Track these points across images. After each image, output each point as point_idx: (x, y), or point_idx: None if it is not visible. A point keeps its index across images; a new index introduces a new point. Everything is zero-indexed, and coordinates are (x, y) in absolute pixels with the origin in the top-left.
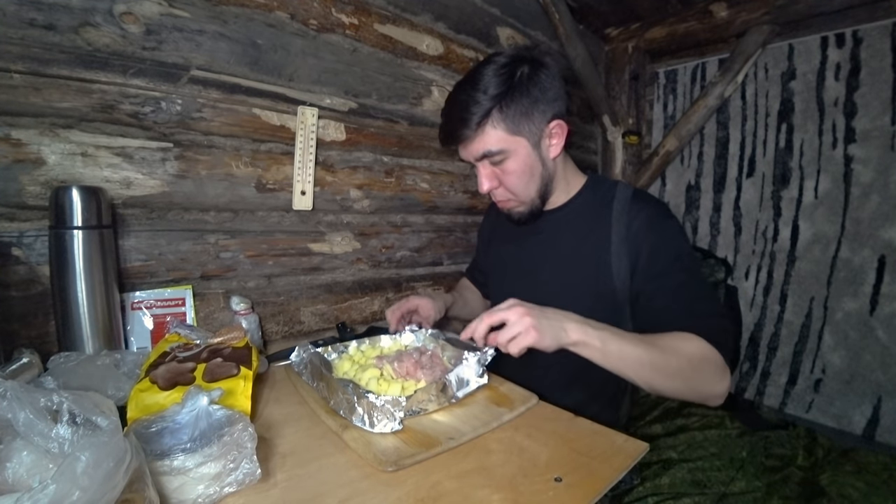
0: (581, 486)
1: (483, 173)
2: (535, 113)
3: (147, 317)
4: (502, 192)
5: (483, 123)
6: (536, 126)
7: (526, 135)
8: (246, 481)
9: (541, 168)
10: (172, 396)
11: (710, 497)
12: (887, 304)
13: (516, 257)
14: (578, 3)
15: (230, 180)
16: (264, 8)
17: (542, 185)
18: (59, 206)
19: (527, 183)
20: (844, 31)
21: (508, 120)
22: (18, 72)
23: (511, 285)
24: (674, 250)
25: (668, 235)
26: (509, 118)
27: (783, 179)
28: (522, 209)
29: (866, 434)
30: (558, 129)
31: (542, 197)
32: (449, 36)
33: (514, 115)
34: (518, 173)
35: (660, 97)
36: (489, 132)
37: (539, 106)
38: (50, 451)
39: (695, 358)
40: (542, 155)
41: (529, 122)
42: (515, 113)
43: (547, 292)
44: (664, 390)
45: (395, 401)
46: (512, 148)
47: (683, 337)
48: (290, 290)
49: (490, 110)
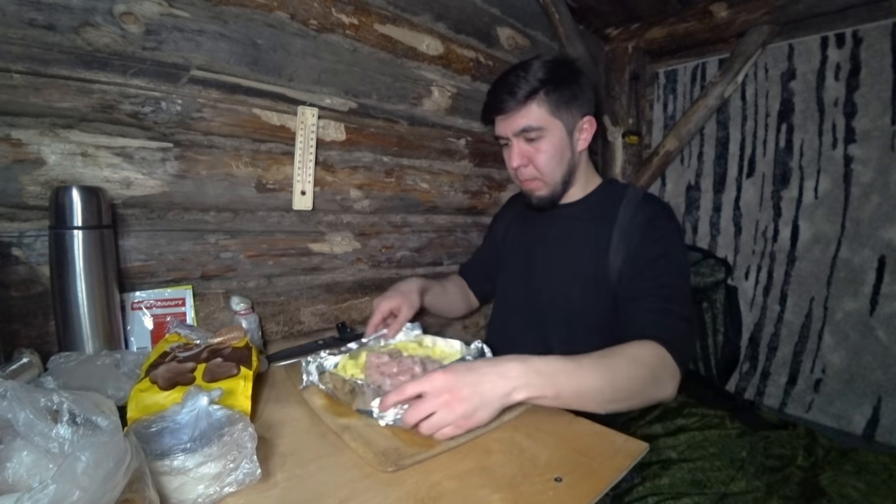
0: (581, 486)
1: (516, 150)
2: (573, 105)
3: (147, 317)
4: (530, 171)
5: (529, 99)
6: (572, 116)
7: (563, 120)
8: (246, 481)
9: (570, 155)
10: (172, 396)
11: (710, 497)
12: (887, 304)
13: (531, 248)
14: (578, 3)
15: (230, 180)
16: (264, 8)
17: (567, 172)
18: (59, 206)
19: (556, 165)
20: (844, 31)
21: (551, 102)
22: (18, 72)
23: (520, 273)
24: (664, 247)
25: (663, 233)
26: (552, 101)
27: (783, 179)
28: (544, 192)
29: (866, 434)
30: (588, 126)
31: (565, 183)
32: (449, 36)
33: (556, 100)
34: (550, 153)
35: (660, 97)
36: (533, 108)
37: (577, 101)
38: (50, 451)
39: (655, 370)
40: (573, 144)
41: (567, 111)
42: (558, 99)
43: (555, 282)
44: (621, 410)
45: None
46: (549, 128)
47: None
48: (290, 290)
49: (538, 90)
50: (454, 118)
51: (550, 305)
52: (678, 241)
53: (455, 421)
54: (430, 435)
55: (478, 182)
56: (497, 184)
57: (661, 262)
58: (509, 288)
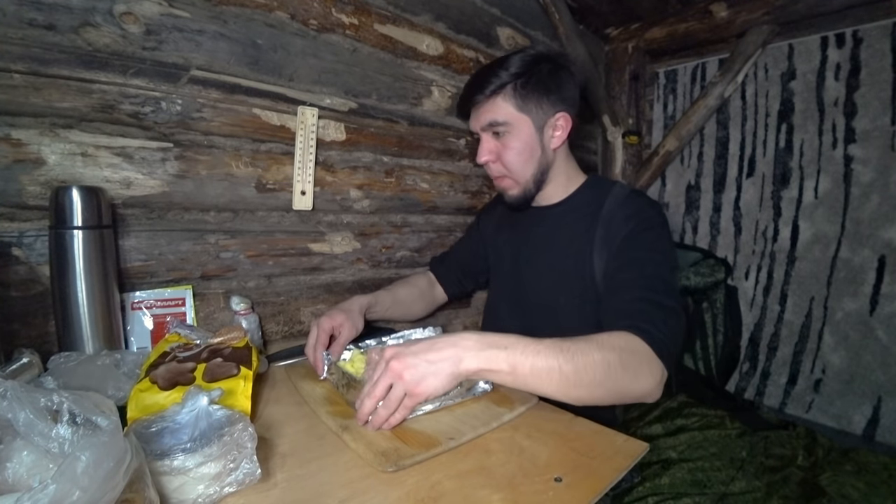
0: (581, 486)
1: (485, 145)
2: (545, 101)
3: (147, 317)
4: (498, 168)
5: (496, 94)
6: (544, 112)
7: (532, 116)
8: (246, 481)
9: (540, 153)
10: (172, 396)
11: (710, 497)
12: (887, 304)
13: (518, 250)
14: (578, 3)
15: (230, 180)
16: (264, 8)
17: (538, 171)
18: (59, 206)
19: (524, 163)
20: (844, 31)
21: (519, 98)
22: (18, 72)
23: (509, 276)
24: (649, 241)
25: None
26: (520, 96)
27: (783, 179)
28: (516, 191)
29: (866, 434)
30: (563, 122)
31: (537, 183)
32: (449, 36)
33: (525, 94)
34: (517, 150)
35: (660, 97)
36: (499, 103)
37: (550, 97)
38: (50, 451)
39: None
40: (544, 141)
41: (538, 106)
42: (527, 93)
43: (541, 285)
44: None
45: None
46: (516, 123)
47: (611, 336)
48: (290, 290)
49: (505, 84)
50: (454, 118)
51: (539, 308)
52: (664, 236)
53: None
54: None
55: (478, 182)
56: None
57: (645, 256)
58: (499, 291)
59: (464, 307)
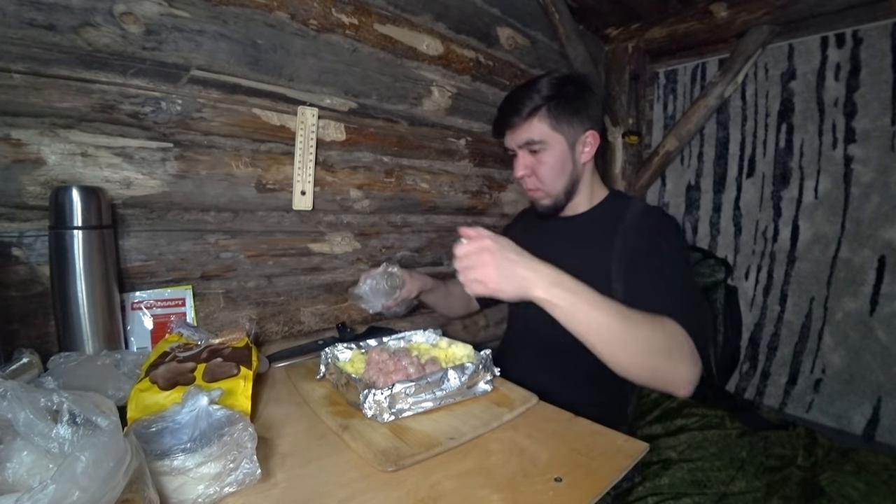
0: (581, 486)
1: (521, 160)
2: (575, 120)
3: (147, 317)
4: (533, 181)
5: (532, 115)
6: (574, 130)
7: (564, 134)
8: (246, 481)
9: (571, 167)
10: (172, 396)
11: (710, 497)
12: (887, 304)
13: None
14: (578, 3)
15: (230, 180)
16: (264, 8)
17: (569, 183)
18: (59, 206)
19: (557, 176)
20: (844, 31)
21: (553, 118)
22: (18, 72)
23: None
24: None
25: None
26: (553, 117)
27: (783, 179)
28: (548, 201)
29: (866, 434)
30: (591, 140)
31: (567, 194)
32: (449, 36)
33: (558, 115)
34: (551, 165)
35: (660, 97)
36: (535, 123)
37: (579, 116)
38: (50, 451)
39: (672, 341)
40: (575, 157)
41: (569, 125)
42: (559, 114)
43: None
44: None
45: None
46: (550, 141)
47: (662, 319)
48: (290, 290)
49: (540, 106)
50: (454, 118)
51: None
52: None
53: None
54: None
55: (478, 182)
56: (497, 184)
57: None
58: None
59: None
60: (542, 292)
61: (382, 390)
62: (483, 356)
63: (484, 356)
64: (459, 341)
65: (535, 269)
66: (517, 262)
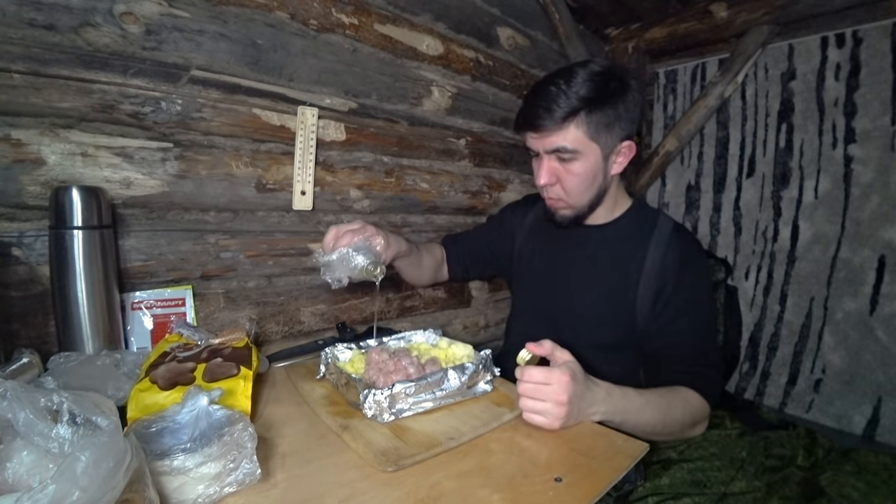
0: (581, 486)
1: (546, 167)
2: (615, 128)
3: (147, 317)
4: (557, 191)
5: (568, 120)
6: (612, 140)
7: (601, 144)
8: (246, 481)
9: (601, 180)
10: (172, 396)
11: (710, 497)
12: (887, 304)
13: (554, 267)
14: (578, 3)
15: (230, 180)
16: (264, 8)
17: (595, 196)
18: (59, 206)
19: (585, 189)
20: (844, 31)
21: (591, 125)
22: (18, 72)
23: (541, 286)
24: (697, 292)
25: (696, 275)
26: (592, 123)
27: (783, 179)
28: (569, 212)
29: (866, 434)
30: (627, 150)
31: (592, 206)
32: (449, 36)
33: (597, 121)
34: (582, 177)
35: (660, 97)
36: (571, 130)
37: (620, 123)
38: (50, 451)
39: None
40: (607, 168)
41: (608, 134)
42: (599, 121)
43: (577, 306)
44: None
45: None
46: (585, 151)
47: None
48: (290, 290)
49: (579, 110)
50: (454, 118)
51: (570, 329)
52: (707, 281)
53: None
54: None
55: (478, 182)
56: (497, 184)
57: (694, 306)
58: (529, 305)
59: (463, 307)
60: (598, 418)
61: (382, 390)
62: (483, 356)
63: (484, 356)
64: (459, 341)
65: (596, 404)
66: (586, 399)
